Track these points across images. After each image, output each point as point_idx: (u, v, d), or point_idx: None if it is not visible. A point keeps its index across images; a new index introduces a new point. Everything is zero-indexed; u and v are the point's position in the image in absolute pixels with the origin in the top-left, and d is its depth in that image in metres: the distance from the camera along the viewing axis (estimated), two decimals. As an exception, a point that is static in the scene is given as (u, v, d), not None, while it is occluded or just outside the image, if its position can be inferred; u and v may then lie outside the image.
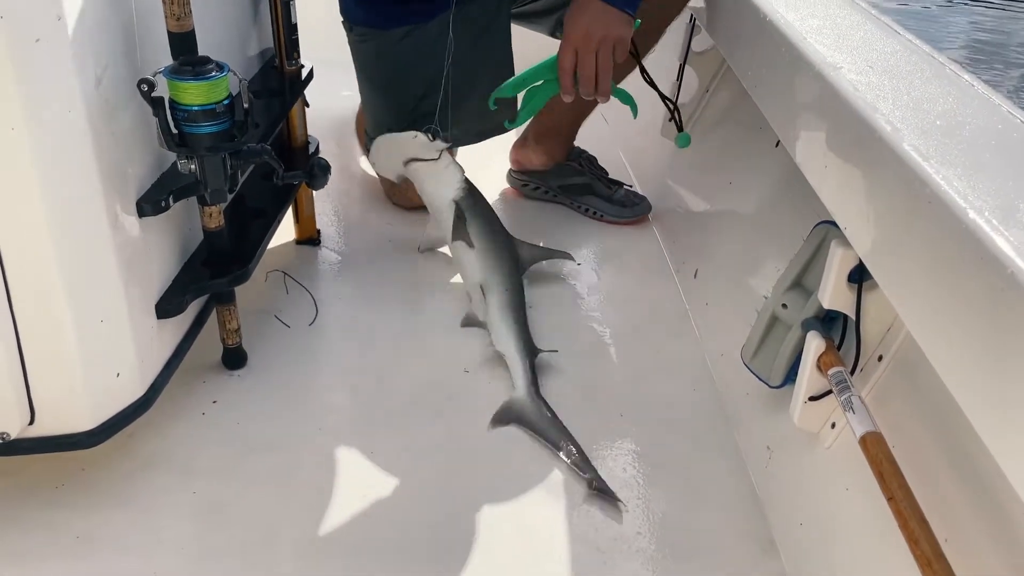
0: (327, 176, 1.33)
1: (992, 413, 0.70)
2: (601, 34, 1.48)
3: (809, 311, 1.14)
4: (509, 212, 1.94)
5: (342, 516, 1.17)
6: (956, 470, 0.89)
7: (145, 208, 1.12)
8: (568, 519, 1.19)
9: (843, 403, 0.99)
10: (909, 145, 0.84)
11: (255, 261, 1.35)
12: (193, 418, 1.32)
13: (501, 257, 1.62)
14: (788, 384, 1.18)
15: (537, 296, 1.66)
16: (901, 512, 0.85)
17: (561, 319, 1.62)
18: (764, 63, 1.33)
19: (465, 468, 1.27)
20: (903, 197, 0.83)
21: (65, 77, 0.96)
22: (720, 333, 1.51)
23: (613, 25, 1.48)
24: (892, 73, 1.05)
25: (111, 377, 1.11)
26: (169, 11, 1.07)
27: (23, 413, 1.06)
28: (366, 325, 1.57)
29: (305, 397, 1.39)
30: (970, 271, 0.71)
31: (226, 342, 1.39)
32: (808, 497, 1.14)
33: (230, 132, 1.11)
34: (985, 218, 0.71)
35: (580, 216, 1.99)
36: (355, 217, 1.95)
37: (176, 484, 1.20)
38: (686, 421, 1.39)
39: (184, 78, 1.05)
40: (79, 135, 0.99)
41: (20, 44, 0.91)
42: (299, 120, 1.65)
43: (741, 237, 1.62)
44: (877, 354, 1.06)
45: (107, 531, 1.12)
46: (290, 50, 1.56)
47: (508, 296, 1.56)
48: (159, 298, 1.20)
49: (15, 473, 1.18)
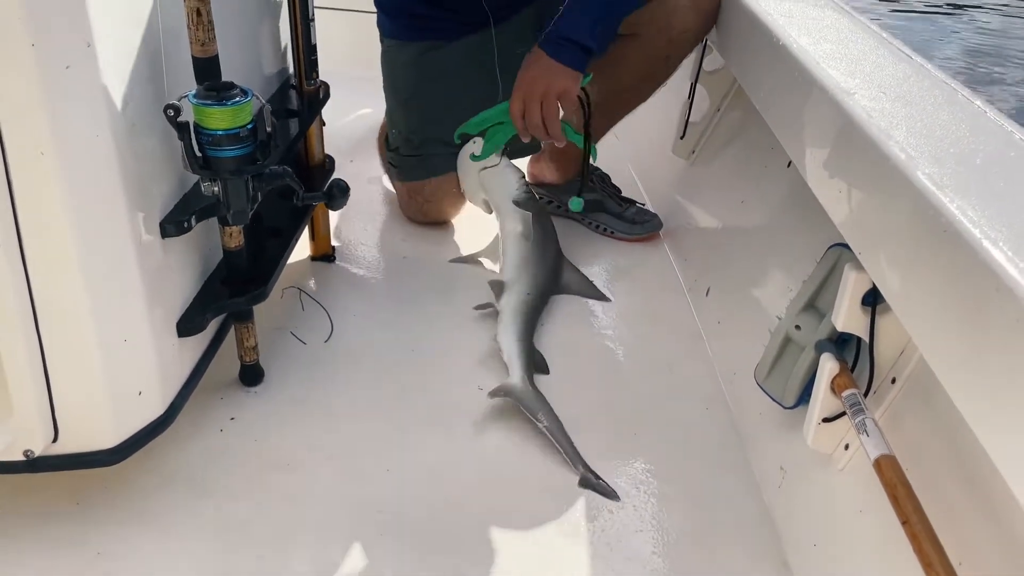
0: (346, 197, 1.35)
1: (1005, 439, 0.71)
2: (544, 87, 1.57)
3: (822, 333, 1.15)
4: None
5: (359, 533, 1.18)
6: (971, 493, 0.90)
7: (168, 229, 1.14)
8: (584, 540, 1.19)
9: (857, 426, 1.00)
10: (923, 174, 0.86)
11: (274, 280, 1.37)
12: (211, 434, 1.33)
13: (540, 264, 1.72)
14: (801, 405, 1.19)
15: (549, 311, 1.68)
16: (916, 535, 0.86)
17: (573, 336, 1.64)
18: (777, 86, 1.34)
19: (481, 487, 1.28)
20: (917, 225, 0.84)
21: (93, 102, 0.98)
22: (733, 352, 1.53)
23: (557, 78, 1.57)
24: (905, 99, 1.07)
25: (133, 395, 1.13)
26: (194, 36, 1.10)
27: (47, 431, 1.08)
28: (381, 342, 1.59)
29: (321, 414, 1.40)
30: (983, 301, 0.72)
31: (244, 359, 1.41)
32: (822, 518, 1.15)
33: (253, 155, 1.13)
34: (1000, 249, 0.72)
35: (592, 233, 2.00)
36: (370, 233, 1.97)
37: (195, 501, 1.22)
38: (699, 440, 1.39)
39: (209, 103, 1.07)
40: (106, 158, 1.01)
41: (51, 71, 0.93)
42: (316, 139, 1.67)
43: (753, 256, 1.63)
44: (891, 376, 1.07)
45: (128, 548, 1.14)
46: (309, 70, 1.59)
47: (527, 300, 1.63)
48: (180, 317, 1.22)
49: (38, 490, 1.19)
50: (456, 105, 1.80)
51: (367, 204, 2.07)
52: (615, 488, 1.27)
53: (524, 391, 1.42)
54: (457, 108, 1.77)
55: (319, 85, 1.63)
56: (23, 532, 1.15)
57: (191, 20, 1.09)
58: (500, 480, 1.30)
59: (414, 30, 1.86)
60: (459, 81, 1.86)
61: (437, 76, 1.84)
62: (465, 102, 1.78)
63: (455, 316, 1.68)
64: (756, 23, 1.45)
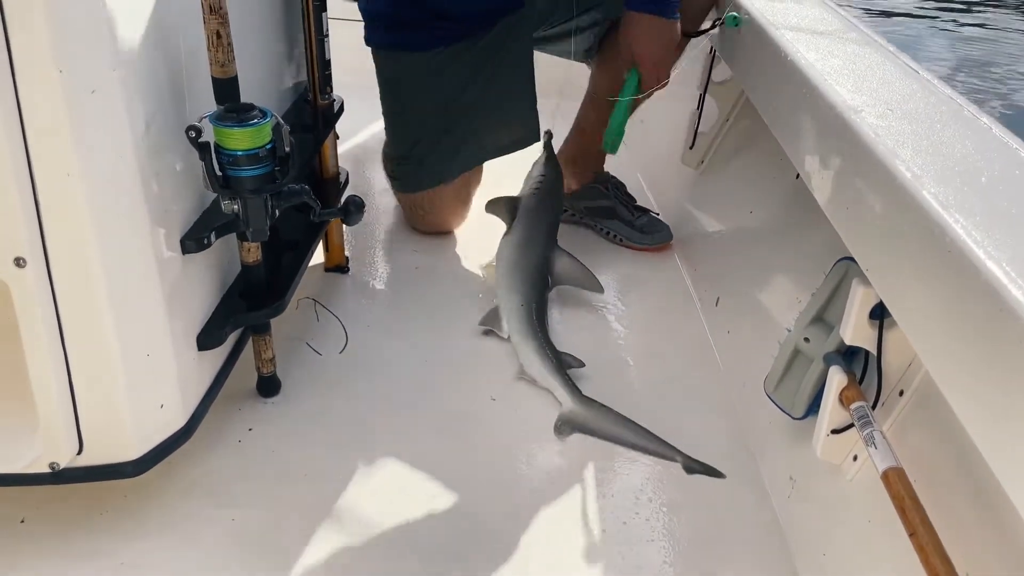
0: (361, 214, 1.37)
1: (1007, 454, 0.73)
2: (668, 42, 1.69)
3: (831, 345, 1.17)
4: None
5: (375, 544, 1.20)
6: (977, 506, 0.91)
7: (189, 245, 1.16)
8: (596, 549, 1.21)
9: (865, 438, 1.02)
10: (929, 193, 0.87)
11: (291, 293, 1.39)
12: (230, 445, 1.36)
13: (522, 274, 1.70)
14: (811, 416, 1.21)
15: (557, 320, 1.71)
16: (923, 547, 0.88)
17: (582, 345, 1.65)
18: (784, 101, 1.36)
19: (495, 498, 1.30)
20: (923, 244, 0.86)
21: (117, 125, 1.01)
22: (742, 362, 1.54)
23: (670, 32, 1.68)
24: (911, 117, 1.08)
25: (155, 408, 1.16)
26: (214, 58, 1.12)
27: (72, 443, 1.10)
28: (395, 352, 1.61)
29: (337, 424, 1.43)
30: (986, 319, 0.74)
31: (261, 371, 1.43)
32: (831, 529, 1.16)
33: (272, 174, 1.15)
34: (1003, 268, 0.74)
35: (604, 240, 2.02)
36: (381, 244, 1.99)
37: (215, 511, 1.24)
38: (709, 450, 1.41)
39: (229, 125, 1.10)
40: (129, 179, 1.04)
41: (77, 95, 0.95)
42: (331, 152, 1.70)
43: (762, 267, 1.65)
44: (898, 389, 1.09)
45: (150, 559, 1.16)
46: (323, 85, 1.61)
47: (526, 313, 1.61)
48: (200, 331, 1.24)
49: (62, 500, 1.22)
50: (446, 114, 1.84)
51: (379, 215, 2.10)
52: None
53: (586, 415, 1.42)
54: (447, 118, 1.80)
55: (333, 100, 1.65)
56: (47, 542, 1.17)
57: (211, 42, 1.11)
58: (513, 490, 1.32)
59: (398, 39, 1.86)
60: (445, 90, 1.86)
61: (423, 86, 1.86)
62: (454, 111, 1.82)
63: (467, 326, 1.70)
64: (764, 36, 1.47)
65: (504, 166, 1.98)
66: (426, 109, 1.88)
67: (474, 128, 1.89)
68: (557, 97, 2.05)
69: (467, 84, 1.86)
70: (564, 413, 1.44)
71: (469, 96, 1.86)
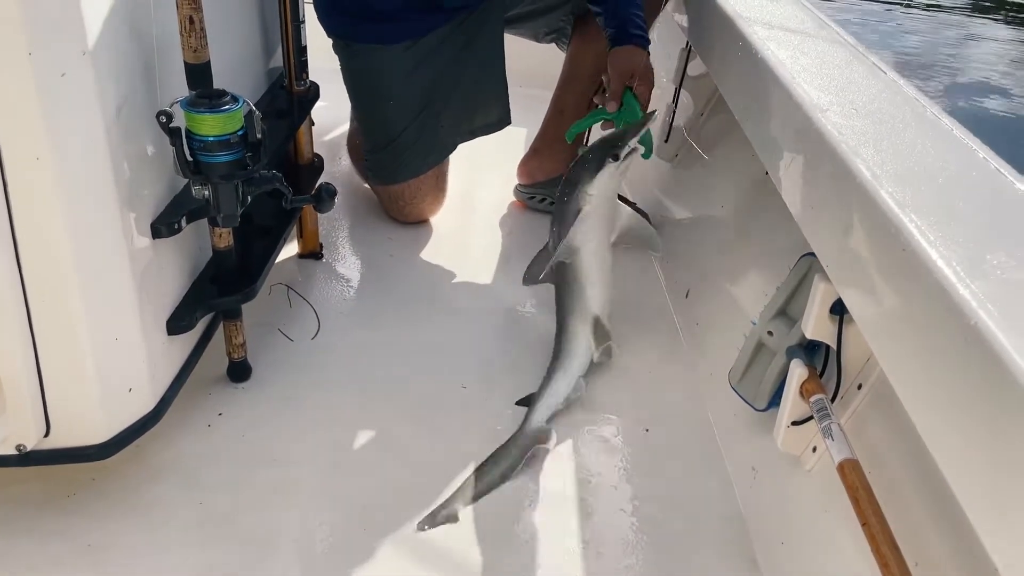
0: (333, 201, 1.38)
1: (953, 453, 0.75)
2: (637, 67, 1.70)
3: (793, 339, 1.19)
4: (514, 224, 2.04)
5: (343, 528, 1.22)
6: (927, 498, 0.94)
7: (160, 230, 1.16)
8: (561, 532, 1.23)
9: (823, 430, 1.04)
10: (886, 192, 0.89)
11: (262, 278, 1.40)
12: (199, 430, 1.37)
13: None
14: (773, 408, 1.23)
15: (526, 309, 1.72)
16: (874, 537, 0.90)
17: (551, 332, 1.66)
18: (754, 97, 1.38)
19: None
20: (879, 242, 0.88)
21: (88, 108, 1.01)
22: (709, 353, 1.57)
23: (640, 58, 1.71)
24: (875, 117, 1.10)
25: (124, 392, 1.16)
26: (186, 44, 1.12)
27: (39, 426, 1.11)
28: (367, 339, 1.62)
29: (307, 410, 1.44)
30: (936, 319, 0.76)
31: (232, 356, 1.44)
32: (789, 517, 1.19)
33: (243, 161, 1.16)
34: (952, 269, 0.76)
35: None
36: (356, 231, 2.00)
37: (183, 494, 1.25)
38: (676, 439, 1.43)
39: (200, 110, 1.10)
40: (99, 163, 1.04)
41: (47, 78, 0.95)
42: (305, 138, 1.70)
43: (731, 260, 1.67)
44: (857, 383, 1.11)
45: (118, 540, 1.17)
46: (299, 71, 1.61)
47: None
48: (170, 315, 1.24)
49: (30, 482, 1.23)
50: (425, 105, 1.84)
51: (354, 202, 2.10)
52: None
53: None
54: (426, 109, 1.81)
55: (309, 85, 1.66)
56: (16, 522, 1.18)
57: (184, 27, 1.11)
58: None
59: (373, 31, 1.82)
60: (425, 81, 1.85)
61: (403, 79, 1.85)
62: (433, 101, 1.83)
63: (440, 314, 1.71)
64: (736, 34, 1.49)
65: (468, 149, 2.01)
66: (406, 102, 1.87)
67: (451, 115, 1.90)
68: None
69: (444, 72, 1.86)
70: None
71: (446, 83, 1.87)
